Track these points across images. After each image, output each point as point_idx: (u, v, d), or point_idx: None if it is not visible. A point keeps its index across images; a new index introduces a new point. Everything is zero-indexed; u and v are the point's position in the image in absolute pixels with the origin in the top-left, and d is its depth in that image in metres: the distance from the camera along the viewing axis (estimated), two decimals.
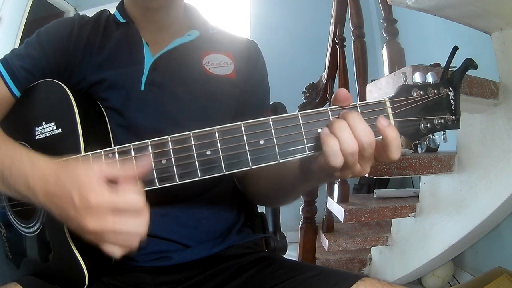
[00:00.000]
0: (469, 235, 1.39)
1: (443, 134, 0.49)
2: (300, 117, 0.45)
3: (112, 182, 0.45)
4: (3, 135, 0.59)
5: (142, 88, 0.67)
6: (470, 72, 0.49)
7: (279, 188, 0.65)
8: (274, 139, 0.45)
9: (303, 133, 0.45)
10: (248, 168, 0.45)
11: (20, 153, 0.52)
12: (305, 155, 0.46)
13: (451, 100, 0.48)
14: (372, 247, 1.80)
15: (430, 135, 0.49)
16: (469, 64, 0.48)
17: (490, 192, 1.28)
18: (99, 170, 0.45)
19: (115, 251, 0.46)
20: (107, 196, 0.43)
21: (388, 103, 0.47)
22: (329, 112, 0.46)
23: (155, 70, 0.68)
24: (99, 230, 0.44)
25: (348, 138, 0.43)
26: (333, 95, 0.47)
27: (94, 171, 0.45)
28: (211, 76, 0.71)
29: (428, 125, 0.48)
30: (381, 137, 0.45)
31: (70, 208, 0.44)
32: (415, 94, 0.47)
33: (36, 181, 0.48)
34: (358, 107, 0.46)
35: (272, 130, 0.45)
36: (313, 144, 0.46)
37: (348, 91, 0.47)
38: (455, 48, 0.49)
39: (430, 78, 0.48)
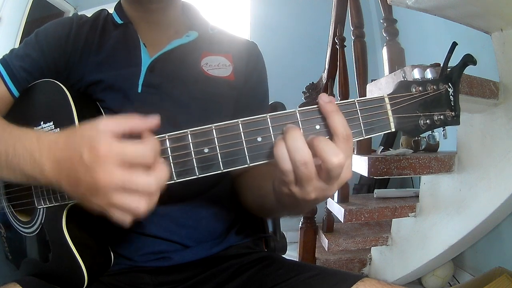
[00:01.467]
0: (469, 235, 1.39)
1: (443, 130, 0.49)
2: (298, 114, 0.45)
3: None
4: (6, 122, 0.58)
5: (139, 90, 0.67)
6: (470, 72, 0.49)
7: (263, 207, 0.64)
8: (272, 136, 0.45)
9: (301, 130, 0.45)
10: (246, 165, 0.45)
11: (25, 132, 0.51)
12: None
13: (451, 96, 0.48)
14: (372, 247, 1.80)
15: (430, 132, 0.48)
16: (468, 60, 0.48)
17: (490, 192, 1.28)
18: (105, 126, 0.43)
19: (123, 217, 0.43)
20: (116, 145, 0.41)
21: (387, 99, 0.47)
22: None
23: (152, 72, 0.68)
24: (109, 183, 0.41)
25: (299, 146, 0.41)
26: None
27: (101, 128, 0.43)
28: (209, 78, 0.71)
29: (427, 121, 0.47)
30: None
31: (80, 167, 0.42)
32: (414, 90, 0.47)
33: (43, 152, 0.46)
34: (356, 103, 0.46)
35: (270, 127, 0.45)
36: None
37: (348, 91, 0.47)
38: (454, 44, 0.49)
39: (429, 75, 0.48)
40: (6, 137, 0.52)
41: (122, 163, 0.41)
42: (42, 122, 0.60)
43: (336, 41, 1.89)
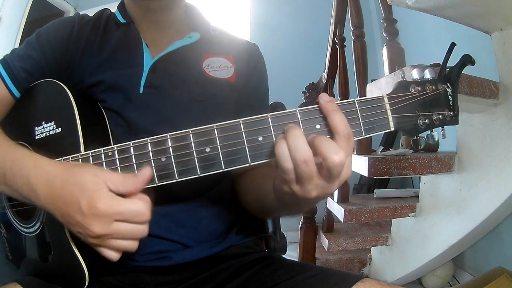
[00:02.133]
0: (469, 235, 1.39)
1: (442, 130, 0.49)
2: (298, 113, 0.45)
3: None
4: (4, 136, 0.59)
5: (141, 90, 0.67)
6: (470, 72, 0.49)
7: (262, 205, 0.65)
8: (273, 135, 0.45)
9: (302, 129, 0.45)
10: (247, 164, 0.46)
11: (22, 154, 0.52)
12: None
13: (449, 96, 0.48)
14: (372, 247, 1.80)
15: (429, 131, 0.49)
16: (467, 60, 0.48)
17: (490, 192, 1.28)
18: (104, 181, 0.46)
19: (113, 254, 0.48)
20: (115, 204, 0.45)
21: (386, 99, 0.47)
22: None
23: (154, 73, 0.68)
24: (104, 234, 0.45)
25: (300, 145, 0.42)
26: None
27: (101, 180, 0.46)
28: (210, 79, 0.71)
29: (426, 121, 0.48)
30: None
31: (76, 213, 0.46)
32: (413, 90, 0.47)
33: (39, 184, 0.48)
34: (356, 103, 0.46)
35: (271, 127, 0.45)
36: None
37: (348, 91, 0.47)
38: (453, 45, 0.49)
39: (428, 75, 0.48)
40: (2, 157, 0.53)
41: (119, 219, 0.46)
42: (43, 122, 0.60)
43: (336, 41, 1.89)
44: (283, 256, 0.76)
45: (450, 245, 1.43)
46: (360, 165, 1.38)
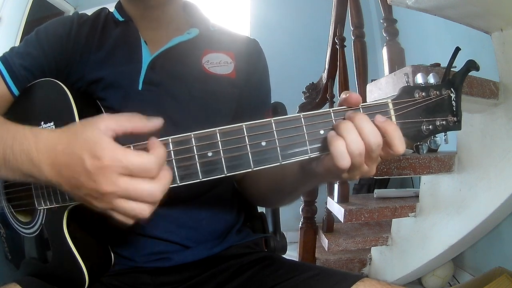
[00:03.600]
0: (469, 235, 1.39)
1: (444, 135, 0.49)
2: (302, 118, 0.45)
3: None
4: (3, 118, 0.56)
5: (140, 87, 0.67)
6: (470, 72, 0.49)
7: (279, 189, 0.65)
8: (276, 140, 0.45)
9: (305, 134, 0.45)
10: (250, 170, 0.45)
11: (22, 130, 0.50)
12: (307, 157, 0.46)
13: (453, 102, 0.48)
14: (372, 247, 1.80)
15: (432, 137, 0.49)
16: (471, 65, 0.48)
17: (490, 192, 1.28)
18: (106, 127, 0.42)
19: (126, 219, 0.44)
20: (120, 155, 0.41)
21: (390, 105, 0.47)
22: (332, 113, 0.46)
23: (153, 69, 0.68)
24: (111, 191, 0.41)
25: (355, 139, 0.43)
26: (342, 96, 0.47)
27: (102, 129, 0.42)
28: (210, 75, 0.71)
29: (430, 126, 0.48)
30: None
31: (81, 173, 0.42)
32: (417, 95, 0.47)
33: (41, 154, 0.45)
34: (360, 108, 0.46)
35: (274, 132, 0.45)
36: (316, 146, 0.46)
37: (348, 91, 0.47)
38: (457, 49, 0.49)
39: (432, 79, 0.48)
40: (3, 136, 0.50)
41: (126, 173, 0.41)
42: (42, 122, 0.60)
43: (336, 41, 1.89)
44: (283, 256, 0.76)
45: (450, 245, 1.43)
46: None
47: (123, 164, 0.41)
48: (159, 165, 0.43)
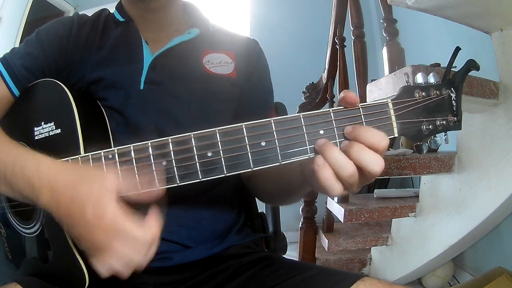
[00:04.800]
0: (469, 235, 1.39)
1: (445, 135, 0.49)
2: (302, 118, 0.45)
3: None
4: (5, 135, 0.58)
5: (141, 87, 0.67)
6: (470, 72, 0.49)
7: (283, 188, 0.65)
8: (276, 140, 0.45)
9: (305, 134, 0.45)
10: (250, 169, 0.45)
11: (24, 154, 0.51)
12: (307, 157, 0.46)
13: (453, 101, 0.48)
14: (372, 247, 1.80)
15: (432, 136, 0.48)
16: (472, 65, 0.48)
17: (490, 192, 1.28)
18: (112, 189, 0.44)
19: (104, 271, 0.46)
20: (122, 221, 0.43)
21: (390, 105, 0.47)
22: (332, 113, 0.46)
23: (154, 69, 0.68)
24: (102, 247, 0.44)
25: (343, 162, 0.43)
26: (340, 95, 0.46)
27: (109, 189, 0.44)
28: (211, 75, 0.71)
29: (430, 126, 0.47)
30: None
31: (80, 221, 0.44)
32: (417, 95, 0.47)
33: (41, 185, 0.47)
34: (360, 108, 0.46)
35: (274, 132, 0.45)
36: (315, 146, 0.46)
37: (348, 89, 0.47)
38: (458, 49, 0.49)
39: (432, 79, 0.48)
40: (3, 157, 0.52)
41: (121, 239, 0.43)
42: (43, 122, 0.60)
43: (336, 41, 1.89)
44: (283, 256, 0.76)
45: (450, 245, 1.43)
46: None
47: (122, 230, 0.43)
48: (151, 244, 0.45)
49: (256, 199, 0.84)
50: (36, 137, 0.61)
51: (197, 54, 0.72)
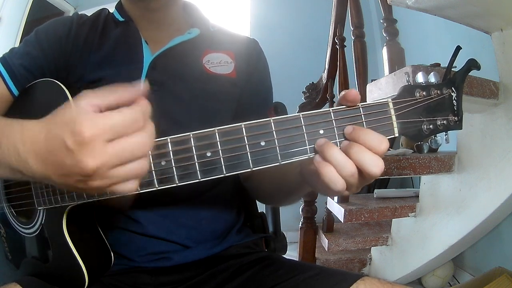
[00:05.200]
0: (469, 235, 1.39)
1: (445, 135, 0.49)
2: (301, 118, 0.45)
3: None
4: None
5: (141, 87, 0.67)
6: (471, 72, 0.49)
7: (281, 189, 0.65)
8: (276, 140, 0.45)
9: (305, 134, 0.45)
10: (249, 170, 0.45)
11: (10, 123, 0.47)
12: (307, 157, 0.46)
13: (454, 101, 0.48)
14: (372, 247, 1.80)
15: (433, 136, 0.48)
16: (472, 64, 0.48)
17: (490, 192, 1.28)
18: (87, 103, 0.38)
19: (129, 185, 0.40)
20: (101, 120, 0.37)
21: (391, 104, 0.47)
22: (331, 113, 0.46)
23: (154, 69, 0.68)
24: (101, 165, 0.37)
25: (343, 162, 0.43)
26: (341, 94, 0.46)
27: (83, 106, 0.38)
28: (211, 75, 0.71)
29: (430, 126, 0.47)
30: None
31: (65, 156, 0.38)
32: (418, 94, 0.47)
33: (27, 145, 0.43)
34: (361, 108, 0.46)
35: (274, 132, 0.45)
36: (315, 146, 0.46)
37: (349, 89, 0.46)
38: (458, 48, 0.48)
39: (432, 79, 0.48)
40: None
41: (112, 137, 0.38)
42: None
43: (336, 41, 1.89)
44: (283, 256, 0.76)
45: (450, 245, 1.43)
46: None
47: (106, 128, 0.37)
48: (145, 114, 0.40)
49: None
50: None
51: (197, 54, 0.72)
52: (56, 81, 0.62)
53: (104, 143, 0.37)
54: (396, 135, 0.46)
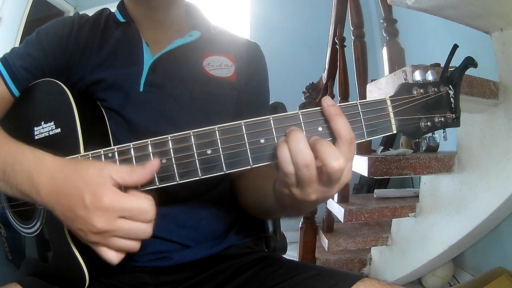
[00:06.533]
0: (469, 235, 1.39)
1: (443, 132, 0.49)
2: (300, 115, 0.45)
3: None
4: (5, 134, 0.58)
5: (141, 89, 0.67)
6: (470, 72, 0.49)
7: (262, 207, 0.65)
8: (275, 138, 0.45)
9: (304, 131, 0.45)
10: (249, 167, 0.45)
11: (24, 150, 0.52)
12: None
13: (451, 98, 0.48)
14: (372, 247, 1.80)
15: (431, 134, 0.48)
16: (469, 62, 0.48)
17: (490, 192, 1.28)
18: (109, 176, 0.45)
19: (114, 256, 0.47)
20: (121, 199, 0.44)
21: (388, 102, 0.47)
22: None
23: (154, 71, 0.68)
24: (107, 230, 0.44)
25: (302, 147, 0.41)
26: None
27: (106, 174, 0.45)
28: (211, 78, 0.71)
29: (428, 123, 0.47)
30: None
31: (79, 207, 0.44)
32: (415, 92, 0.47)
33: (41, 178, 0.47)
34: (359, 105, 0.46)
35: (273, 129, 0.45)
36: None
37: (348, 91, 0.47)
38: (455, 46, 0.49)
39: (430, 76, 0.48)
40: (3, 154, 0.52)
41: (124, 215, 0.44)
42: (42, 122, 0.60)
43: (336, 41, 1.89)
44: (283, 256, 0.76)
45: (450, 245, 1.43)
46: (360, 165, 1.38)
47: (123, 207, 0.44)
48: (154, 208, 0.46)
49: None
50: (36, 137, 0.61)
51: (198, 56, 0.72)
52: (58, 81, 0.62)
53: (115, 217, 0.44)
54: (394, 132, 0.47)
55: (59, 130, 0.59)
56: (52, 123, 0.60)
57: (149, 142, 0.48)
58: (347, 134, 0.43)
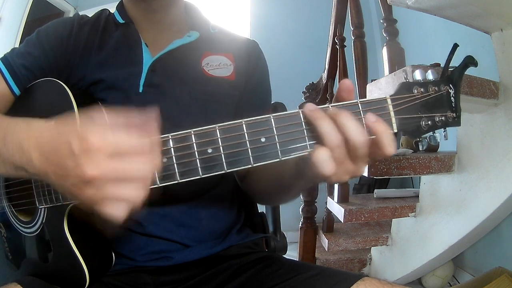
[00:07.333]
0: (469, 235, 1.39)
1: (444, 131, 0.49)
2: (301, 114, 0.45)
3: None
4: (1, 114, 0.57)
5: (141, 89, 0.67)
6: (470, 72, 0.49)
7: (278, 186, 0.65)
8: (276, 136, 0.45)
9: (305, 130, 0.45)
10: (250, 166, 0.45)
11: (15, 121, 0.49)
12: (307, 153, 0.46)
13: (452, 98, 0.48)
14: (372, 247, 1.80)
15: (431, 133, 0.49)
16: (470, 61, 0.48)
17: (490, 192, 1.28)
18: (99, 117, 0.40)
19: (118, 210, 0.39)
20: (110, 135, 0.39)
21: (389, 101, 0.47)
22: (331, 109, 0.46)
23: (153, 71, 0.68)
24: (98, 175, 0.38)
25: (330, 131, 0.43)
26: (338, 88, 0.46)
27: (94, 118, 0.40)
28: (210, 77, 0.71)
29: (429, 122, 0.48)
30: (374, 136, 0.44)
31: (68, 157, 0.39)
32: (415, 91, 0.47)
33: (30, 141, 0.44)
34: (359, 104, 0.46)
35: (274, 128, 0.45)
36: (315, 141, 0.46)
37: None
38: (455, 46, 0.49)
39: (430, 76, 0.48)
40: None
41: (115, 154, 0.38)
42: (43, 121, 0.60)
43: (336, 41, 1.89)
44: (283, 256, 0.76)
45: (450, 245, 1.43)
46: None
47: (113, 142, 0.38)
48: (154, 146, 0.41)
49: None
50: None
51: (197, 56, 0.72)
52: (58, 81, 0.62)
53: (107, 156, 0.38)
54: (395, 131, 0.47)
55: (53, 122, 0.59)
56: (53, 122, 0.59)
57: None
58: (333, 139, 0.43)
